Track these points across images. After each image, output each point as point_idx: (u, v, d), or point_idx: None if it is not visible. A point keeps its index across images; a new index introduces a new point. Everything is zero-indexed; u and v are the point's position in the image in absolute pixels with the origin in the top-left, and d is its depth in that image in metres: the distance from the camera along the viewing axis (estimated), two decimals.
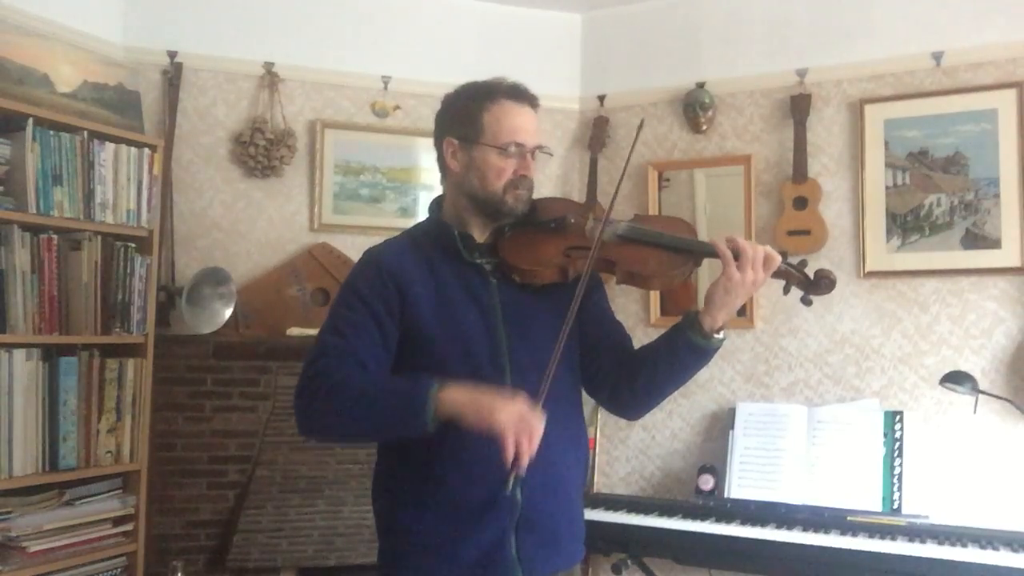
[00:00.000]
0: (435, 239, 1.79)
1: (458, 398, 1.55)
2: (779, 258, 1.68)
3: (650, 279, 1.78)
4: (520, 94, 1.78)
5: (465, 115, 1.76)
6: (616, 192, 1.87)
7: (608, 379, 1.82)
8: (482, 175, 1.74)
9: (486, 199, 1.75)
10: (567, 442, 1.77)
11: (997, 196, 3.04)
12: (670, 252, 1.75)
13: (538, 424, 1.52)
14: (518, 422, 1.51)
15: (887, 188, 3.21)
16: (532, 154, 1.77)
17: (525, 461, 1.51)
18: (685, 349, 1.71)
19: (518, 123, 1.75)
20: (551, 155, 1.86)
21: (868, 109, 3.24)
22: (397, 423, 1.60)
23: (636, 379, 1.78)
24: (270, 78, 3.50)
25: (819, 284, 1.72)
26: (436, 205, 1.87)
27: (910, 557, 2.58)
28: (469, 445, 1.64)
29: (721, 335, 1.71)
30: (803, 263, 1.75)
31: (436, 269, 1.74)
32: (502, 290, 1.75)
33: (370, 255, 1.78)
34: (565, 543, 1.77)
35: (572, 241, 1.77)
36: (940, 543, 2.61)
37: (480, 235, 1.80)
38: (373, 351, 1.68)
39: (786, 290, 1.77)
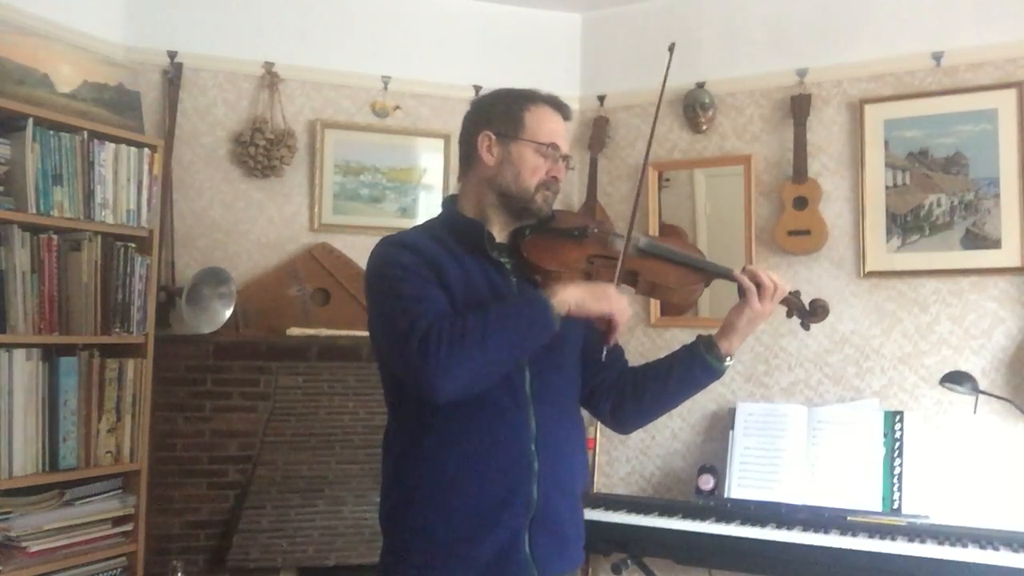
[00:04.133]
0: (459, 234, 1.78)
1: (571, 294, 1.66)
2: (787, 289, 1.79)
3: (671, 292, 1.85)
4: (560, 104, 1.83)
5: (506, 111, 1.79)
6: (634, 209, 1.92)
7: (611, 393, 1.86)
8: (517, 171, 1.76)
9: (518, 194, 1.77)
10: (574, 445, 1.81)
11: (997, 196, 3.04)
12: (687, 268, 1.83)
13: (628, 308, 1.71)
14: (622, 301, 1.68)
15: (887, 188, 3.21)
16: (564, 160, 1.81)
17: (622, 331, 1.72)
18: (701, 371, 1.80)
19: (557, 127, 1.80)
20: (573, 168, 1.90)
21: (868, 109, 3.25)
22: (529, 334, 1.64)
23: (643, 394, 1.84)
24: (270, 78, 3.50)
25: (815, 312, 1.83)
26: (451, 202, 1.87)
27: (910, 557, 2.58)
28: (481, 440, 1.66)
29: (732, 359, 1.81)
30: (797, 293, 1.85)
31: (461, 260, 1.74)
32: (522, 289, 1.77)
33: (397, 240, 1.75)
34: (572, 543, 1.79)
35: (594, 250, 1.82)
36: (940, 543, 2.61)
37: (500, 234, 1.81)
38: (448, 306, 1.67)
39: (789, 315, 1.87)
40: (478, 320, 1.60)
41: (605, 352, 1.74)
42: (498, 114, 1.79)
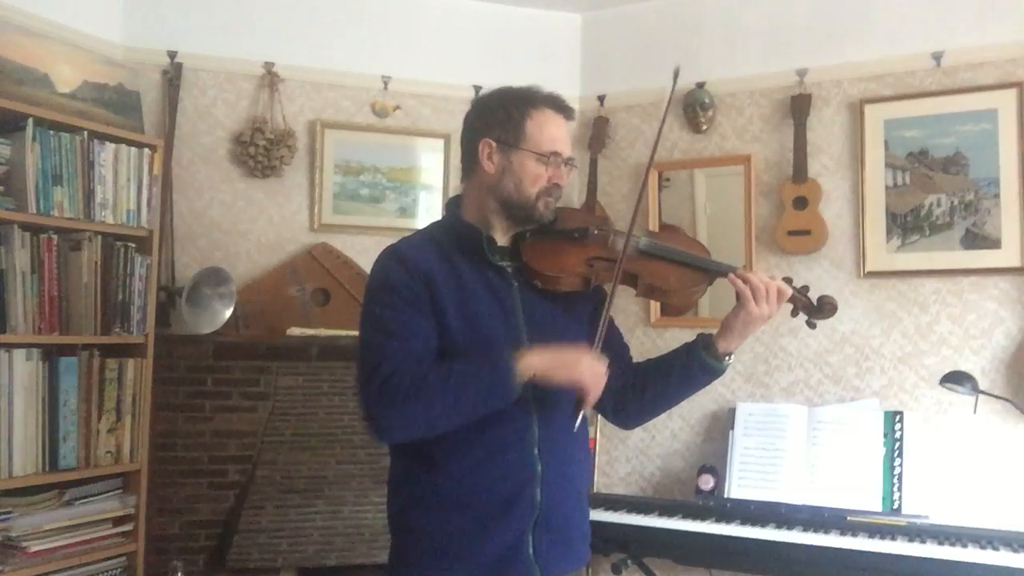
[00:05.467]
0: (458, 239, 1.79)
1: (536, 360, 1.64)
2: (789, 291, 1.78)
3: (670, 293, 1.85)
4: (562, 105, 1.81)
5: (507, 119, 1.77)
6: (636, 211, 1.93)
7: (614, 391, 1.86)
8: (518, 180, 1.76)
9: (519, 204, 1.77)
10: (577, 445, 1.82)
11: (997, 196, 3.04)
12: (688, 269, 1.83)
13: (604, 370, 1.66)
14: (594, 370, 1.64)
15: (887, 188, 3.21)
16: (567, 164, 1.80)
17: (593, 403, 1.67)
18: (699, 370, 1.80)
19: (558, 133, 1.78)
20: (576, 167, 1.89)
21: (868, 109, 3.24)
22: (486, 400, 1.64)
23: (645, 392, 1.85)
24: (270, 78, 3.50)
25: (822, 309, 1.83)
26: (454, 205, 1.87)
27: (910, 557, 2.58)
28: (486, 445, 1.68)
29: (731, 358, 1.81)
30: (805, 288, 1.84)
31: (458, 268, 1.75)
32: (523, 293, 1.78)
33: (394, 252, 1.76)
34: (577, 543, 1.81)
35: (594, 252, 1.82)
36: (940, 543, 2.61)
37: (502, 238, 1.81)
38: (428, 346, 1.69)
39: (794, 313, 1.86)
40: (439, 379, 1.63)
41: (576, 423, 1.71)
42: (499, 121, 1.78)
